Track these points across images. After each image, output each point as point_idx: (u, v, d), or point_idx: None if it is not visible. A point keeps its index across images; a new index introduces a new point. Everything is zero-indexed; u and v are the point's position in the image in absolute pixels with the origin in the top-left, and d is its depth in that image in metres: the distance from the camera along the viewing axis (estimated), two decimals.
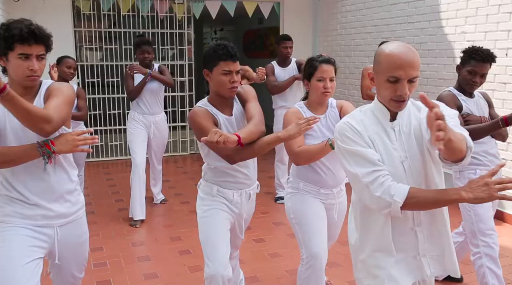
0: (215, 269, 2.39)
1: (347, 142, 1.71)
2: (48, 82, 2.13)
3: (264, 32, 9.94)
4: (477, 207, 2.88)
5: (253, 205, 2.75)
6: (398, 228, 1.75)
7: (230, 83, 2.38)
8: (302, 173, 2.69)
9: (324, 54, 2.76)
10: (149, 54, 4.67)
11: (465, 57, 2.96)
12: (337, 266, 3.64)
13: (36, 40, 1.95)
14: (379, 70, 1.67)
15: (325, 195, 2.69)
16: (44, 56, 2.02)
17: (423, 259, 1.79)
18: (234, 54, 2.37)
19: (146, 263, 3.80)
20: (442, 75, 5.27)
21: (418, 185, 1.71)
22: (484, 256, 2.88)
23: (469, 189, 1.55)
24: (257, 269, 3.64)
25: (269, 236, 4.30)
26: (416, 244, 1.77)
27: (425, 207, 1.66)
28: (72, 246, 2.24)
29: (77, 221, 2.25)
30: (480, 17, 4.79)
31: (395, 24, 5.99)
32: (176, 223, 4.66)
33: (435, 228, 1.79)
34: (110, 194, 5.64)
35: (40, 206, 2.09)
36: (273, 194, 5.36)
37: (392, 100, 1.67)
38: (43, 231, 2.11)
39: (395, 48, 1.64)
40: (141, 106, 4.75)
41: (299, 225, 2.66)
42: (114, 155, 7.43)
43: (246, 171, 2.54)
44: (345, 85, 7.06)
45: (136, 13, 7.09)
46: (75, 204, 2.22)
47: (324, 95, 2.62)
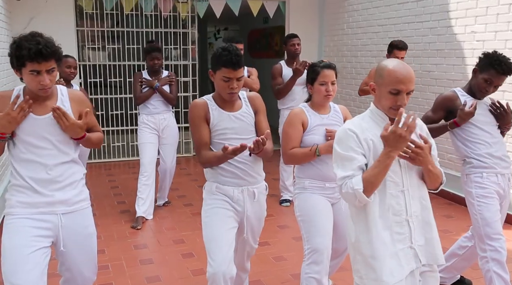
0: (217, 266, 2.41)
1: (342, 148, 1.99)
2: (62, 88, 2.38)
3: (269, 31, 9.95)
4: (484, 211, 2.91)
5: (262, 207, 2.74)
6: (396, 219, 1.98)
7: (229, 89, 2.49)
8: (304, 171, 2.82)
9: (325, 60, 2.98)
10: (158, 60, 4.85)
11: (485, 62, 2.91)
12: (343, 271, 3.63)
13: (45, 58, 2.12)
14: (382, 83, 1.97)
15: (331, 189, 2.79)
16: (54, 69, 2.20)
17: (416, 248, 2.00)
18: (237, 62, 2.44)
19: (148, 266, 3.80)
20: (451, 75, 5.25)
21: (412, 177, 2.02)
22: (491, 260, 2.88)
23: (389, 147, 1.88)
24: (262, 273, 3.64)
25: (274, 239, 4.30)
26: (410, 234, 2.00)
27: (378, 180, 1.91)
28: (77, 237, 2.35)
29: (81, 211, 2.40)
30: (490, 17, 4.77)
31: (402, 23, 5.97)
32: (179, 225, 4.67)
33: (421, 219, 2.04)
34: (112, 195, 5.66)
35: (43, 194, 2.25)
36: (278, 197, 5.36)
37: (391, 108, 1.97)
38: (47, 219, 2.26)
39: (396, 65, 1.96)
40: (148, 107, 4.87)
41: (304, 222, 2.77)
42: (116, 156, 7.45)
43: (243, 167, 2.57)
44: (352, 85, 7.04)
45: (140, 12, 7.11)
46: (78, 195, 2.37)
47: (327, 97, 2.82)
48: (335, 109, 2.93)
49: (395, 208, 1.98)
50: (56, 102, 2.30)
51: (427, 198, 2.08)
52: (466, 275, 3.45)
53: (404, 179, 2.00)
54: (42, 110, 2.26)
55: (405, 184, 2.00)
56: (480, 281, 3.35)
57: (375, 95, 2.03)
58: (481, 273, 3.03)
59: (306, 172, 2.80)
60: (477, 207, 2.94)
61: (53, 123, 2.26)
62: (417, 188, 2.03)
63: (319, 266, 2.66)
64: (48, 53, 2.12)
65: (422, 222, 2.03)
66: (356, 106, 6.78)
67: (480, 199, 2.93)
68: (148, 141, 4.86)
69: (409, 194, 2.01)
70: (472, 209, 2.99)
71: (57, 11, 6.51)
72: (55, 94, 2.32)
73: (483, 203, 2.92)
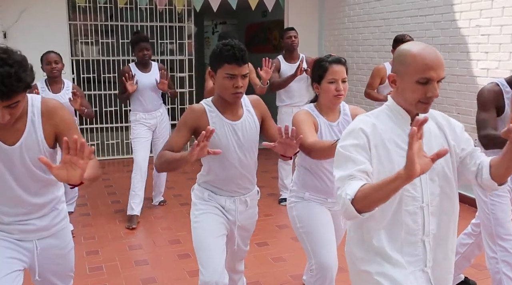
0: (209, 275, 2.35)
1: (348, 147, 1.70)
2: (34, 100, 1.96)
3: (267, 25, 9.92)
4: (497, 210, 2.84)
5: (254, 212, 2.68)
6: (410, 239, 1.75)
7: (234, 88, 2.30)
8: (307, 182, 2.66)
9: (334, 54, 2.68)
10: (148, 51, 4.73)
11: None
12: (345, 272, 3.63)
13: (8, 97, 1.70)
14: (406, 71, 1.67)
15: (332, 203, 2.67)
16: (17, 103, 1.77)
17: (429, 271, 1.78)
18: (241, 57, 2.27)
19: (143, 267, 3.79)
20: (455, 71, 5.24)
21: (434, 189, 1.74)
22: (501, 262, 2.84)
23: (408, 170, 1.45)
24: (260, 274, 3.63)
25: (273, 240, 4.29)
26: (424, 256, 1.77)
27: (376, 204, 1.56)
28: (55, 259, 2.18)
29: (59, 233, 2.17)
30: (496, 10, 4.76)
31: (405, 17, 5.96)
32: (175, 225, 4.65)
33: (438, 235, 1.79)
34: (106, 195, 5.64)
35: (17, 222, 2.03)
36: (277, 196, 5.35)
37: (420, 102, 1.68)
38: (21, 245, 2.07)
39: (422, 48, 1.66)
40: (143, 104, 4.80)
41: (307, 234, 2.62)
42: (110, 154, 7.43)
43: (241, 182, 2.50)
44: (353, 81, 7.02)
45: (134, 5, 7.08)
46: (56, 217, 2.15)
47: (337, 98, 2.53)
48: (345, 113, 2.63)
49: (411, 227, 1.72)
50: (26, 123, 1.91)
51: (452, 209, 1.81)
52: (471, 276, 3.44)
53: (424, 193, 1.73)
54: (12, 137, 1.90)
55: (425, 199, 1.74)
56: (485, 282, 3.35)
57: (396, 88, 1.73)
58: (486, 274, 3.02)
59: (309, 184, 2.64)
60: (490, 206, 2.85)
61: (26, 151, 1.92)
62: (439, 201, 1.77)
63: (327, 282, 2.59)
64: (14, 89, 1.68)
65: (438, 239, 1.78)
66: (358, 102, 6.77)
67: (494, 198, 2.84)
68: (143, 137, 4.81)
69: (429, 211, 1.74)
70: (484, 207, 2.89)
71: (49, 4, 6.46)
72: (24, 112, 1.92)
73: (497, 202, 2.84)
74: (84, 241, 4.23)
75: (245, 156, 2.46)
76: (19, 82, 1.70)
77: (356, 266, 1.87)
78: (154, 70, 4.84)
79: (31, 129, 1.93)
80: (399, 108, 1.75)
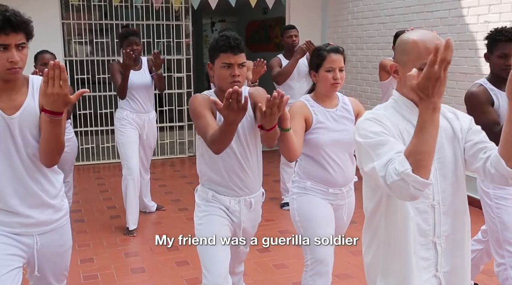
0: (213, 279, 2.40)
1: (369, 136, 1.65)
2: (35, 79, 2.14)
3: (268, 23, 9.95)
4: (503, 214, 2.85)
5: (257, 214, 2.73)
6: (421, 241, 1.73)
7: (231, 77, 2.37)
8: (309, 170, 2.72)
9: (332, 43, 2.78)
10: (137, 45, 4.56)
11: (490, 42, 2.91)
12: (349, 278, 3.64)
13: (14, 28, 1.91)
14: (408, 60, 1.68)
15: (334, 195, 2.71)
16: (24, 45, 1.99)
17: (441, 276, 1.76)
18: (236, 45, 2.35)
19: (140, 275, 3.80)
20: (463, 69, 5.25)
21: (446, 186, 1.73)
22: (509, 268, 2.84)
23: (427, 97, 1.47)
24: (262, 281, 3.64)
25: (274, 246, 4.28)
26: (435, 259, 1.75)
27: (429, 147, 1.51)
28: (53, 256, 2.25)
29: (60, 229, 2.26)
30: (505, 5, 4.77)
31: (411, 13, 5.97)
32: (173, 231, 4.66)
33: (453, 238, 1.76)
34: (101, 200, 5.65)
35: (18, 213, 2.11)
36: (279, 200, 5.36)
37: None
38: (21, 240, 2.14)
39: (422, 34, 1.68)
40: (134, 104, 4.68)
41: (305, 229, 2.69)
42: (106, 158, 7.45)
43: (245, 178, 2.52)
44: (357, 80, 7.04)
45: (129, 3, 7.10)
46: (57, 212, 2.23)
47: (334, 86, 2.64)
48: (343, 102, 2.75)
49: (422, 227, 1.71)
50: (26, 96, 2.07)
51: (464, 209, 1.79)
52: (480, 282, 3.44)
53: (435, 190, 1.72)
54: (12, 107, 2.04)
55: (437, 197, 1.72)
56: None
57: (399, 78, 1.73)
58: (496, 281, 3.02)
59: (311, 173, 2.71)
60: (495, 210, 2.87)
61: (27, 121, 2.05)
62: (451, 200, 1.74)
63: (323, 278, 2.62)
64: (19, 22, 1.91)
65: (453, 243, 1.75)
66: (362, 102, 6.76)
67: (499, 201, 2.85)
68: (134, 141, 4.65)
69: (440, 209, 1.73)
70: (489, 211, 2.91)
71: (41, 2, 6.49)
72: (25, 85, 2.09)
73: (502, 205, 2.84)
74: (79, 248, 4.23)
75: (242, 147, 2.49)
76: (25, 19, 1.97)
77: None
78: (145, 67, 4.72)
79: (30, 101, 2.07)
80: (405, 100, 1.75)
